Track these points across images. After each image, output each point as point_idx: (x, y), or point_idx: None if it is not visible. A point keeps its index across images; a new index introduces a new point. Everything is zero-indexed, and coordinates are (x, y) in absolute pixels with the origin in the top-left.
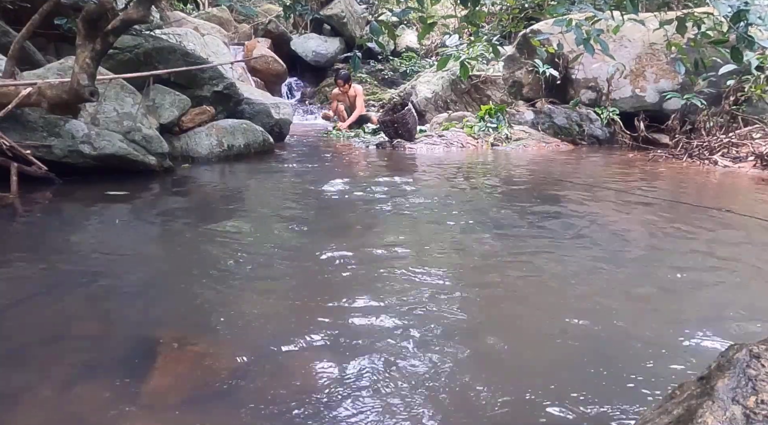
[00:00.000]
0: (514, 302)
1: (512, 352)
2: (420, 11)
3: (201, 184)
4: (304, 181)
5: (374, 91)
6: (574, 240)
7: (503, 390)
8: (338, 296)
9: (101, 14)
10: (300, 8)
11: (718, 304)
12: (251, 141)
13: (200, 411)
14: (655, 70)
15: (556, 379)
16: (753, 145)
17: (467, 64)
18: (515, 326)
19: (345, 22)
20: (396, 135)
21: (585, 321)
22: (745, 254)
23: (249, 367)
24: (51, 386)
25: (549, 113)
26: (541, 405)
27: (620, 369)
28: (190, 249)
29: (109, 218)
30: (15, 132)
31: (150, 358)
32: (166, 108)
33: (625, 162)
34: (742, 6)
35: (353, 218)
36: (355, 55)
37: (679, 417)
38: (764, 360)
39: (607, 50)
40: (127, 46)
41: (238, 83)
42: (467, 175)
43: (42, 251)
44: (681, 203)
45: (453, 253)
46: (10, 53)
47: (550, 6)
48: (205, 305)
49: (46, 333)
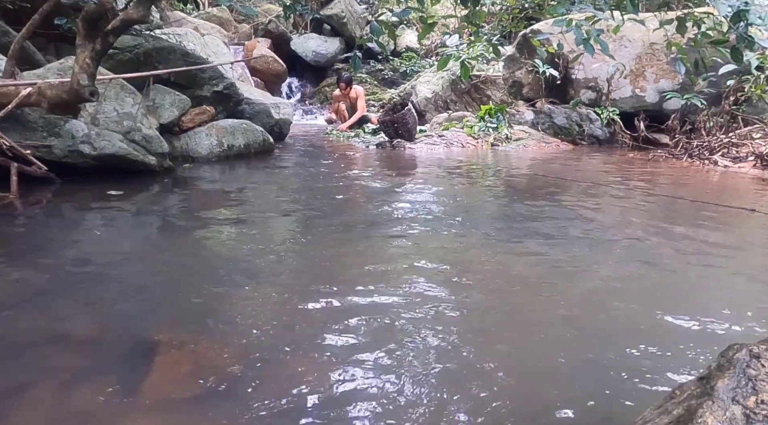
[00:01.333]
0: (513, 301)
1: (515, 350)
2: (420, 11)
3: (201, 184)
4: (304, 181)
5: (374, 91)
6: (574, 240)
7: (504, 391)
8: (339, 296)
9: (101, 14)
10: (300, 8)
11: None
12: (251, 141)
13: (200, 411)
14: (655, 70)
15: (557, 375)
16: (753, 145)
17: (468, 64)
18: (517, 322)
19: (345, 22)
20: (396, 135)
21: (594, 319)
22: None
23: (249, 367)
24: (50, 386)
25: (549, 113)
26: (542, 400)
27: (624, 367)
28: (190, 249)
29: (109, 218)
30: (15, 132)
31: (149, 358)
32: (166, 108)
33: (625, 162)
34: (742, 6)
35: (353, 218)
36: (355, 55)
37: (679, 417)
38: (764, 360)
39: (607, 50)
40: (127, 46)
41: (238, 83)
42: (467, 175)
43: (42, 251)
44: (705, 202)
45: (453, 253)
46: (10, 53)
47: (550, 6)
48: (205, 306)
49: (46, 333)
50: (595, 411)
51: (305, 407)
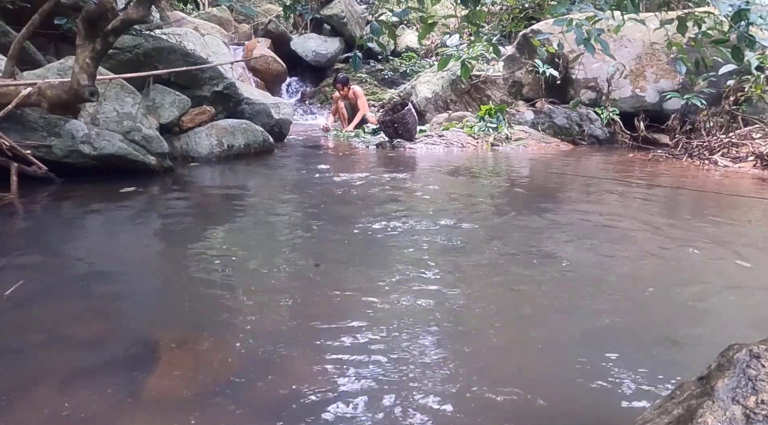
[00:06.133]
0: (514, 300)
1: (513, 350)
2: (420, 11)
3: (201, 184)
4: (304, 181)
5: (374, 91)
6: (577, 241)
7: (506, 392)
8: (339, 296)
9: (101, 14)
10: (300, 8)
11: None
12: (251, 141)
13: (200, 411)
14: (655, 70)
15: (560, 370)
16: (753, 145)
17: (468, 64)
18: (519, 322)
19: (345, 22)
20: (396, 135)
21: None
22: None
23: (249, 367)
24: (51, 386)
25: (549, 113)
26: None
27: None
28: (189, 249)
29: (109, 218)
30: (15, 132)
31: (150, 358)
32: (166, 108)
33: (625, 162)
34: (742, 5)
35: (353, 218)
36: (355, 55)
37: (679, 417)
38: (764, 360)
39: (607, 50)
40: (127, 46)
41: (238, 83)
42: (467, 175)
43: (42, 251)
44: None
45: (453, 253)
46: (10, 53)
47: (551, 6)
48: (205, 306)
49: (46, 333)
50: (595, 411)
51: (305, 407)
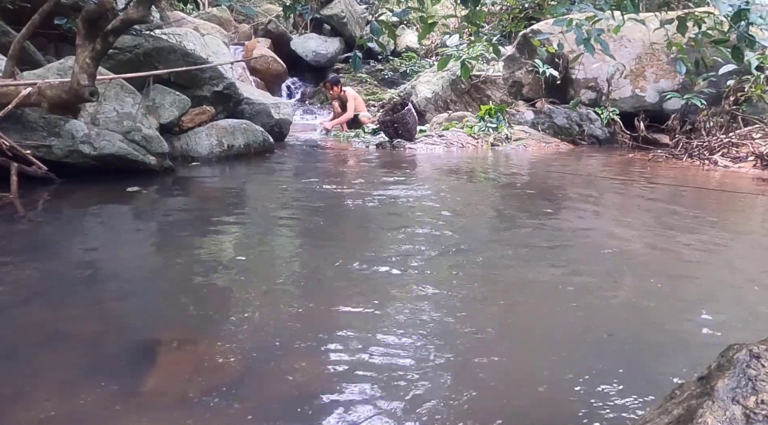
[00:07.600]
0: (514, 299)
1: (515, 350)
2: (420, 11)
3: (201, 184)
4: (304, 181)
5: (374, 91)
6: (576, 241)
7: (508, 393)
8: (339, 296)
9: (101, 14)
10: (300, 8)
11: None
12: (251, 141)
13: (200, 411)
14: (655, 70)
15: (561, 367)
16: (753, 145)
17: (468, 64)
18: (519, 323)
19: (345, 22)
20: (396, 135)
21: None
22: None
23: (249, 367)
24: (51, 386)
25: (549, 113)
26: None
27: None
28: (189, 249)
29: (109, 218)
30: (15, 132)
31: (150, 358)
32: (166, 108)
33: (625, 162)
34: (742, 5)
35: (353, 218)
36: (355, 55)
37: (679, 417)
38: (764, 360)
39: (607, 50)
40: (127, 46)
41: (238, 83)
42: (467, 175)
43: (42, 251)
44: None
45: (454, 252)
46: (10, 53)
47: (550, 6)
48: (205, 306)
49: (46, 333)
50: (595, 411)
51: (305, 406)
